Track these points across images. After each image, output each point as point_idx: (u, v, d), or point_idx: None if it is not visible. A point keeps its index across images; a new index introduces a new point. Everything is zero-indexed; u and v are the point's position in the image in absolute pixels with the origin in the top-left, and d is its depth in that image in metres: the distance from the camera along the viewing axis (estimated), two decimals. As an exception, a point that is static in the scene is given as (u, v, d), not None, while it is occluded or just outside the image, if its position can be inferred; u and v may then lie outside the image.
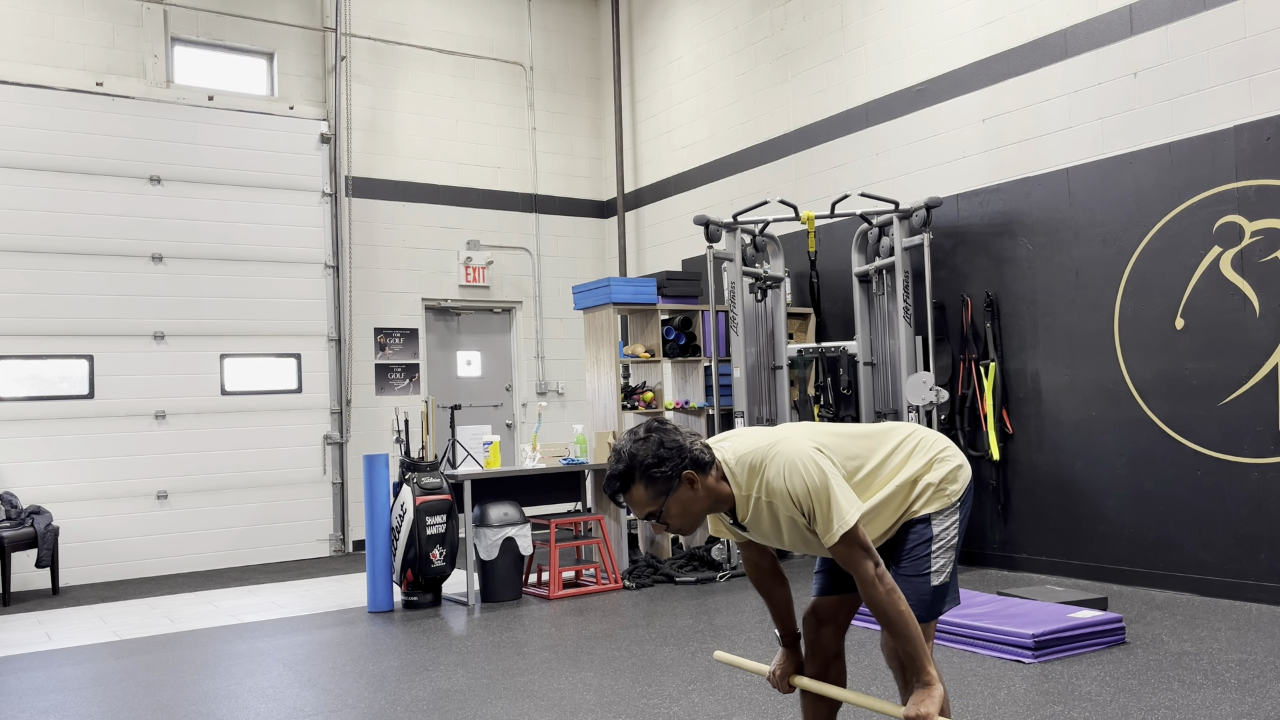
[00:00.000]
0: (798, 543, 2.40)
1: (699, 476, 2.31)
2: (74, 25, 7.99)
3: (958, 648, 4.52)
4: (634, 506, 2.33)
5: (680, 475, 2.29)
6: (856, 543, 2.27)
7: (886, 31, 7.36)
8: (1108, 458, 5.91)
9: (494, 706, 3.97)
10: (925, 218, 6.56)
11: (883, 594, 2.26)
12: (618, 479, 2.31)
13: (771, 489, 2.31)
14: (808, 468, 2.28)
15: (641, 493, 2.30)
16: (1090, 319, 6.01)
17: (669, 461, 2.28)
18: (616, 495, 2.34)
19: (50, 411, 7.66)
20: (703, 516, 2.37)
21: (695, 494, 2.32)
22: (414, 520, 5.95)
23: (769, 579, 2.62)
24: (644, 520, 2.36)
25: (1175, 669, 4.05)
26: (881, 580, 2.26)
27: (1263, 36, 5.22)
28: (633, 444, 2.31)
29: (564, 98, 10.46)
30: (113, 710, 4.17)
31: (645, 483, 2.29)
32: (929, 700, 2.23)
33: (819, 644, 2.62)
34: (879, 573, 2.27)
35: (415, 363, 9.37)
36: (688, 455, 2.30)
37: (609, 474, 2.33)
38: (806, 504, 2.28)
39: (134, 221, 8.05)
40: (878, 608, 2.27)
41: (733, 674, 4.27)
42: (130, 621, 6.09)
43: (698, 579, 6.54)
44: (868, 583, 2.26)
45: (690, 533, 2.38)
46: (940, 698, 2.25)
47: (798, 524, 2.33)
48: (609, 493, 2.35)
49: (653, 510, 2.31)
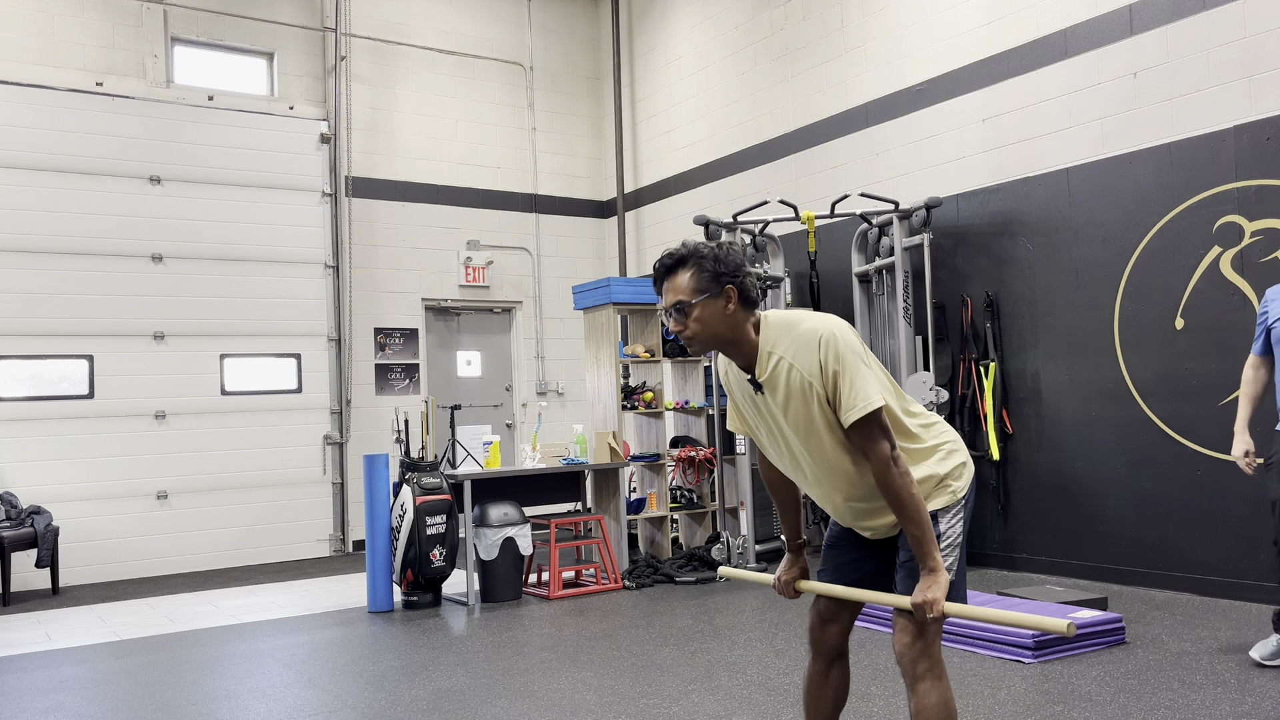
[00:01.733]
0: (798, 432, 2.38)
1: (737, 301, 2.34)
2: (74, 25, 7.99)
3: (958, 648, 4.52)
4: (669, 292, 2.36)
5: (725, 286, 2.32)
6: (878, 424, 2.28)
7: (886, 31, 7.36)
8: (1108, 458, 5.91)
9: (494, 706, 3.97)
10: (925, 218, 6.56)
11: (896, 476, 2.28)
12: (672, 257, 2.37)
13: (801, 346, 2.31)
14: (846, 337, 2.30)
15: (686, 280, 2.33)
16: (1090, 319, 6.01)
17: (725, 265, 2.33)
18: (663, 275, 2.38)
19: (50, 411, 7.66)
20: (717, 341, 2.37)
21: (725, 312, 2.33)
22: (414, 520, 5.95)
23: (780, 476, 2.65)
24: (668, 312, 2.38)
25: (1175, 669, 4.05)
26: (896, 463, 2.28)
27: (1263, 36, 5.22)
28: (700, 243, 2.39)
29: (564, 98, 10.46)
30: (113, 710, 4.17)
31: (695, 271, 2.33)
32: (935, 586, 2.27)
33: (823, 643, 2.62)
34: (895, 455, 2.28)
35: (415, 363, 9.37)
36: (742, 277, 2.35)
37: (665, 253, 2.38)
38: (832, 370, 2.28)
39: (134, 221, 8.05)
40: (890, 490, 2.29)
41: (733, 674, 4.27)
42: (130, 621, 6.09)
43: (698, 579, 6.54)
44: (882, 463, 2.28)
45: (697, 350, 2.39)
46: (945, 585, 2.28)
47: (810, 400, 2.31)
48: (657, 270, 2.39)
49: (683, 302, 2.33)
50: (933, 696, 2.35)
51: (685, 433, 7.75)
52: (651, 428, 7.62)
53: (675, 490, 7.59)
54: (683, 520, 7.67)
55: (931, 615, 2.25)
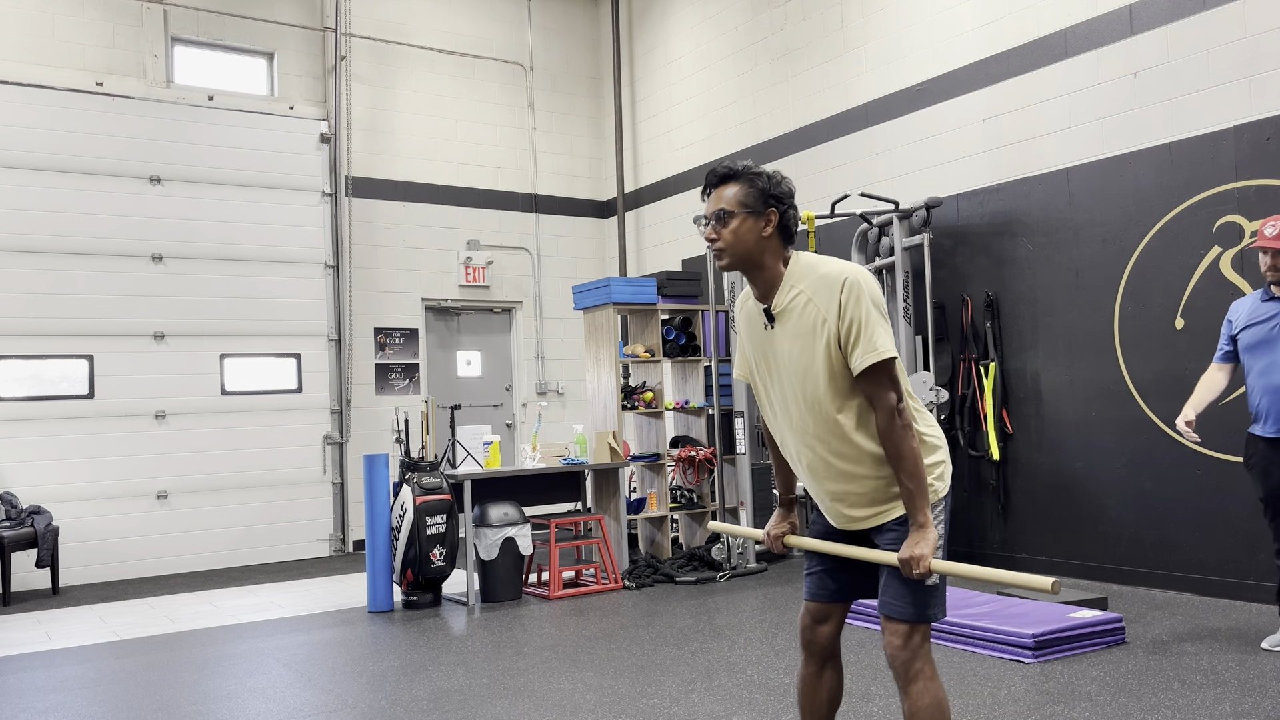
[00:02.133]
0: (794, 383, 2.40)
1: (776, 228, 2.39)
2: (74, 25, 8.00)
3: (958, 648, 4.52)
4: (714, 200, 2.42)
5: (769, 208, 2.38)
6: (889, 373, 2.31)
7: (886, 31, 7.36)
8: (1108, 458, 5.91)
9: (494, 706, 3.97)
10: (925, 218, 6.56)
11: (900, 428, 2.30)
12: (728, 169, 2.42)
13: (824, 284, 2.35)
14: (871, 287, 2.34)
15: (733, 192, 2.39)
16: (1090, 319, 6.01)
17: (776, 189, 2.39)
18: (715, 184, 2.43)
19: (50, 411, 7.66)
20: (745, 259, 2.40)
21: (760, 233, 2.38)
22: (414, 520, 5.95)
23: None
24: (707, 220, 2.43)
25: (1175, 669, 4.05)
26: (901, 415, 2.30)
27: (1263, 36, 5.22)
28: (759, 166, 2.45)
29: (564, 98, 10.46)
30: (113, 710, 4.17)
31: (744, 187, 2.39)
32: (923, 543, 2.27)
33: (815, 644, 2.61)
34: (901, 407, 2.31)
35: (415, 363, 9.37)
36: (787, 205, 2.41)
37: (724, 164, 2.43)
38: (850, 313, 2.31)
39: (134, 221, 8.05)
40: (891, 440, 2.30)
41: (733, 674, 4.27)
42: (130, 621, 6.10)
43: (698, 579, 6.54)
44: (888, 413, 2.30)
45: (725, 261, 2.43)
46: (934, 541, 2.28)
47: (817, 342, 2.34)
48: (710, 177, 2.44)
49: (724, 211, 2.38)
50: (925, 698, 2.35)
51: (685, 433, 7.75)
52: (651, 428, 7.62)
53: (675, 490, 7.59)
54: (683, 520, 7.67)
55: (917, 571, 2.26)
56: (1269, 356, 4.18)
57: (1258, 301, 4.30)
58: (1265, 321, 4.23)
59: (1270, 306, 4.24)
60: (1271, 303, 4.24)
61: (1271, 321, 4.21)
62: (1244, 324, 4.31)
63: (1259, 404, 4.22)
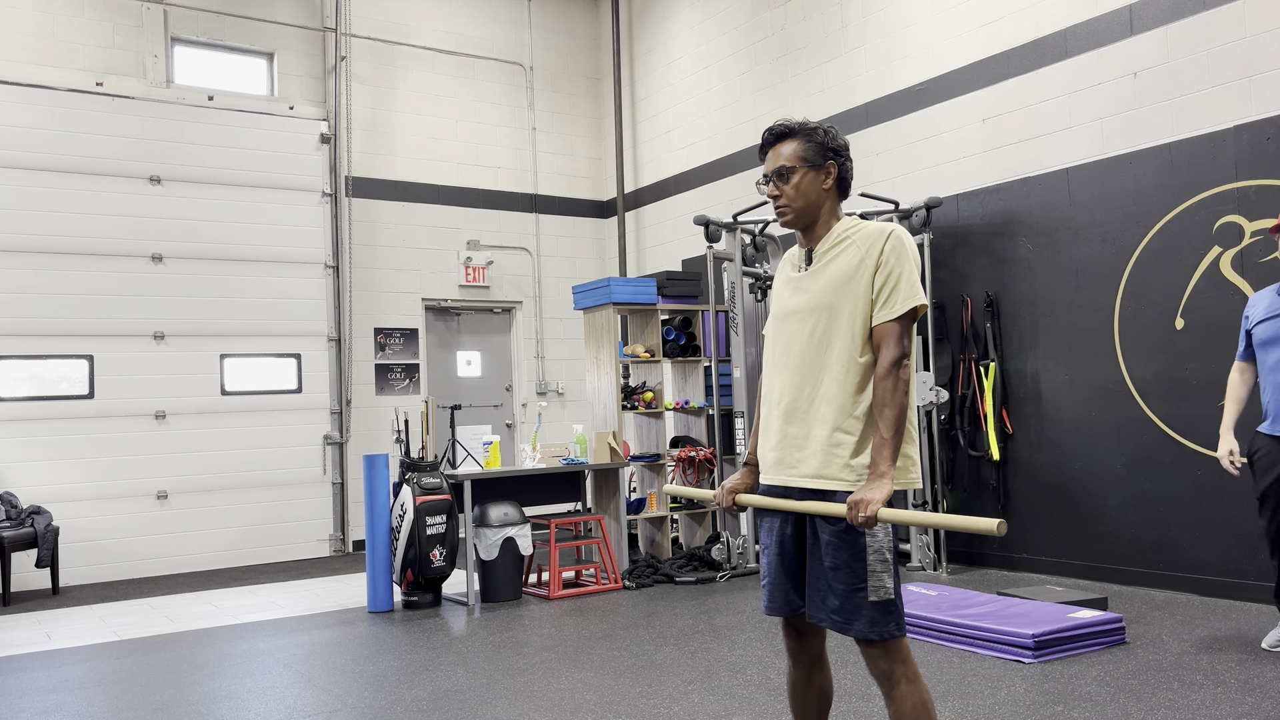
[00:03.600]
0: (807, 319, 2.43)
1: (834, 180, 2.46)
2: (74, 25, 8.00)
3: (958, 648, 4.52)
4: (773, 159, 2.47)
5: (829, 160, 2.45)
6: (906, 327, 2.36)
7: (886, 31, 7.36)
8: (1108, 458, 5.91)
9: (494, 706, 3.97)
10: (925, 218, 6.56)
11: (891, 384, 2.33)
12: (785, 125, 2.47)
13: (871, 233, 2.42)
14: (912, 248, 2.41)
15: (794, 148, 2.45)
16: (1090, 319, 6.01)
17: (834, 143, 2.46)
18: (772, 141, 2.48)
19: (50, 411, 7.66)
20: (809, 213, 2.47)
21: (822, 185, 2.45)
22: (414, 520, 5.95)
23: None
24: (768, 178, 2.47)
25: (1175, 669, 4.05)
26: (900, 369, 2.34)
27: (1263, 36, 5.22)
28: (814, 122, 2.50)
29: (564, 98, 10.46)
30: (113, 710, 4.17)
31: (803, 141, 2.45)
32: (877, 489, 2.27)
33: (801, 652, 2.61)
34: (904, 363, 2.35)
35: (415, 363, 9.37)
36: (845, 159, 2.47)
37: (779, 122, 2.49)
38: (891, 263, 2.37)
39: (134, 221, 8.05)
40: (882, 388, 2.33)
41: (733, 674, 4.27)
42: (130, 621, 6.09)
43: (698, 579, 6.54)
44: (889, 361, 2.34)
45: (789, 217, 2.48)
46: (888, 491, 2.28)
47: (848, 282, 2.39)
48: (767, 136, 2.49)
49: (787, 168, 2.44)
50: (909, 702, 2.36)
51: (685, 433, 7.75)
52: (651, 428, 7.62)
53: (675, 490, 7.57)
54: (683, 520, 7.67)
55: (864, 515, 2.23)
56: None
57: (1274, 295, 4.16)
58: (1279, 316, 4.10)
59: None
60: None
61: None
62: (1260, 318, 4.19)
63: (1268, 401, 4.11)
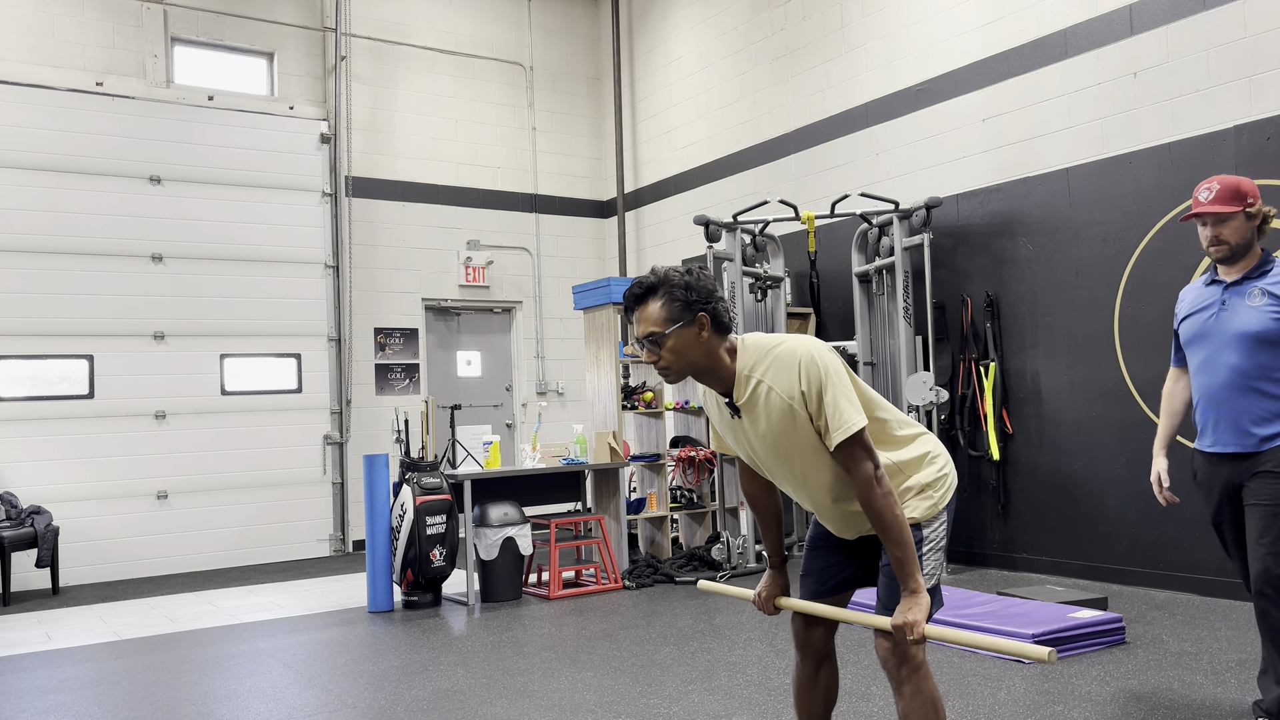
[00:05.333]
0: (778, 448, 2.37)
1: (710, 328, 2.32)
2: (74, 25, 8.00)
3: (958, 648, 4.52)
4: (641, 323, 2.34)
5: (697, 314, 2.31)
6: (860, 444, 2.27)
7: (886, 31, 7.36)
8: (1108, 458, 5.91)
9: (494, 706, 3.97)
10: (925, 218, 6.56)
11: (880, 496, 2.26)
12: (642, 287, 2.34)
13: (779, 370, 2.29)
14: (823, 356, 2.29)
15: (656, 310, 2.32)
16: (1090, 319, 6.01)
17: (696, 293, 2.31)
18: (633, 305, 2.35)
19: (50, 411, 7.66)
20: (692, 369, 2.35)
21: (699, 340, 2.32)
22: (414, 520, 5.95)
23: (762, 492, 2.64)
24: (640, 342, 2.35)
25: (1175, 669, 4.05)
26: (880, 484, 2.26)
27: (1263, 36, 5.22)
28: (670, 269, 2.36)
29: (564, 98, 10.46)
30: (113, 710, 4.17)
31: (665, 301, 2.31)
32: (916, 608, 2.25)
33: (809, 645, 2.62)
34: (878, 475, 2.27)
35: (415, 363, 9.37)
36: (714, 302, 2.33)
37: (635, 282, 2.35)
38: (813, 395, 2.27)
39: (134, 221, 8.05)
40: (874, 510, 2.27)
41: (733, 674, 4.27)
42: (130, 621, 6.09)
43: (698, 579, 6.54)
44: (865, 483, 2.26)
45: (673, 378, 2.38)
46: (926, 606, 2.26)
47: (790, 420, 2.30)
48: (627, 299, 2.36)
49: (655, 333, 2.31)
50: (918, 699, 2.37)
51: (685, 433, 7.75)
52: (651, 428, 7.62)
53: (675, 490, 7.58)
54: (683, 520, 7.67)
55: (911, 638, 2.24)
56: (1205, 350, 3.28)
57: (1200, 288, 3.36)
58: (1204, 310, 3.30)
59: (1211, 292, 3.30)
60: (1214, 286, 3.30)
61: (1209, 310, 3.27)
62: (1185, 313, 3.40)
63: (1199, 413, 3.39)
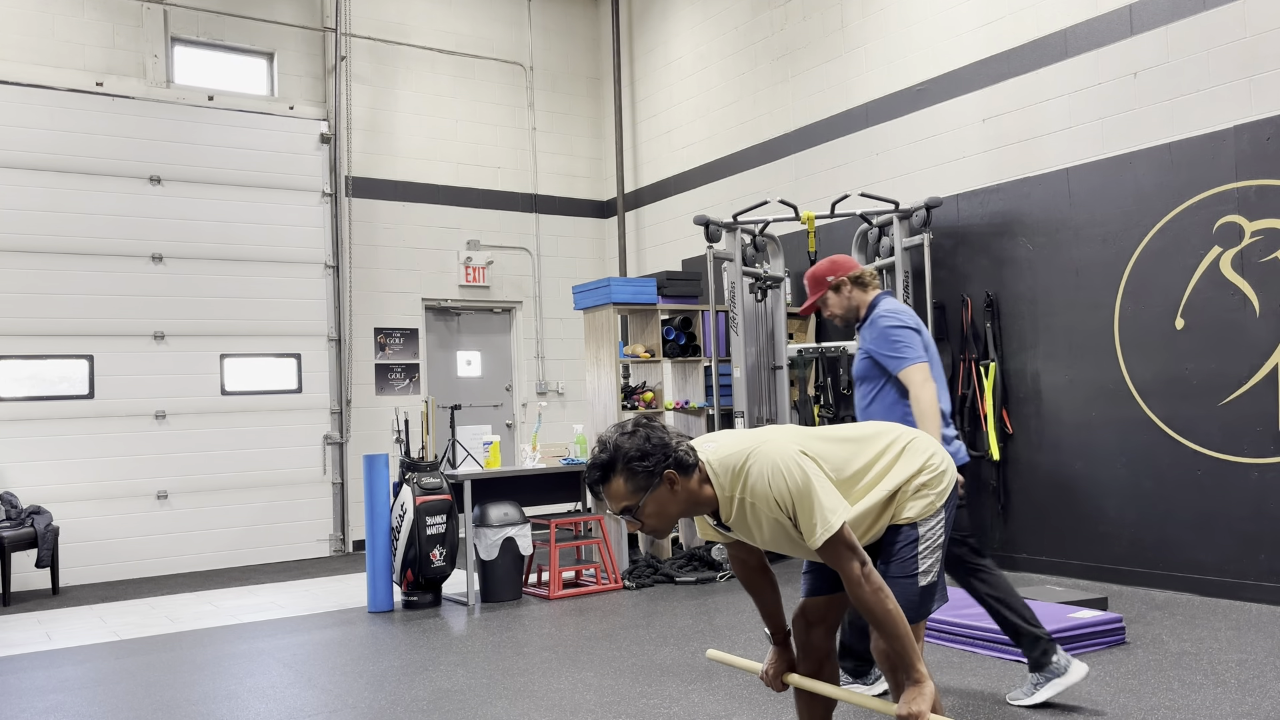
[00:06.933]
0: (782, 543, 2.39)
1: (680, 478, 2.29)
2: (74, 25, 8.00)
3: (958, 648, 4.52)
4: (611, 500, 2.31)
5: (662, 474, 2.27)
6: (842, 543, 2.26)
7: (886, 31, 7.36)
8: (1108, 458, 5.91)
9: (494, 706, 3.97)
10: (925, 218, 6.56)
11: (869, 593, 2.25)
12: (599, 469, 2.29)
13: (755, 491, 2.29)
14: (790, 470, 2.27)
15: (621, 486, 2.28)
16: (1090, 319, 6.01)
17: (653, 457, 2.26)
18: (596, 485, 2.31)
19: (50, 411, 7.66)
20: (678, 519, 2.35)
21: (674, 495, 2.30)
22: (414, 520, 5.95)
23: (757, 576, 2.61)
24: (619, 515, 2.33)
25: (1175, 669, 4.05)
26: (868, 580, 2.25)
27: (1263, 36, 5.22)
28: (619, 436, 2.29)
29: (564, 98, 10.46)
30: (113, 710, 4.17)
31: (626, 476, 2.27)
32: (920, 698, 2.24)
33: (810, 645, 2.62)
34: (866, 572, 2.26)
35: (415, 363, 9.37)
36: (672, 455, 2.28)
37: (590, 463, 2.31)
38: (789, 506, 2.26)
39: (134, 221, 8.05)
40: (865, 607, 2.26)
41: (732, 674, 4.27)
42: (130, 621, 6.09)
43: (698, 579, 6.54)
44: (854, 582, 2.26)
45: (664, 535, 2.37)
46: (931, 695, 2.25)
47: (782, 525, 2.32)
48: (589, 482, 2.33)
49: (629, 505, 2.29)
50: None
51: (685, 433, 7.74)
52: (651, 428, 7.60)
53: (675, 490, 7.57)
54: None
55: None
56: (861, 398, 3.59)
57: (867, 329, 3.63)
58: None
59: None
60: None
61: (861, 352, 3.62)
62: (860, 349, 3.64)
63: None
